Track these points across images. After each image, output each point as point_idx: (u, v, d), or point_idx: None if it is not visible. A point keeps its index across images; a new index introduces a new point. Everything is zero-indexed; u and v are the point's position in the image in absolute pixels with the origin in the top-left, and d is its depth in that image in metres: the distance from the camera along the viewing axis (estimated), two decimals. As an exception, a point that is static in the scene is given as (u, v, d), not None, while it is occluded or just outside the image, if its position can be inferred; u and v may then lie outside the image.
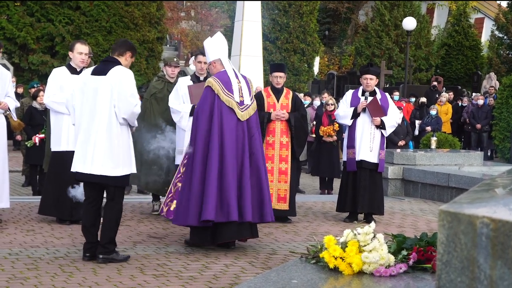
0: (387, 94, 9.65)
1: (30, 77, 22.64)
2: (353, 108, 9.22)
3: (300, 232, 8.51)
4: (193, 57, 9.05)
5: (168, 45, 36.61)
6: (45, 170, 9.89)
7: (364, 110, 9.18)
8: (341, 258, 3.58)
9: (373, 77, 9.28)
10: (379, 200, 9.37)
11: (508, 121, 18.92)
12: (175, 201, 7.15)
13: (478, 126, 19.88)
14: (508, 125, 18.86)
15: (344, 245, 3.63)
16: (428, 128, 18.46)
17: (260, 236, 8.09)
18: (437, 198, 11.54)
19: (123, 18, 24.96)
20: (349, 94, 9.47)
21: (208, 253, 7.11)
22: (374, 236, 3.63)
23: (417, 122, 19.21)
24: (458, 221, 2.45)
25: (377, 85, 9.53)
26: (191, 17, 44.50)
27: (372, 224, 3.74)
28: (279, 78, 9.10)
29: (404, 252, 3.66)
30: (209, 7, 45.66)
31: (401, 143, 15.67)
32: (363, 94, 9.29)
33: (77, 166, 6.53)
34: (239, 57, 21.21)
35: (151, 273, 6.22)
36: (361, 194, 9.21)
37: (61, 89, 8.28)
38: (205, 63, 8.68)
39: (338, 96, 22.21)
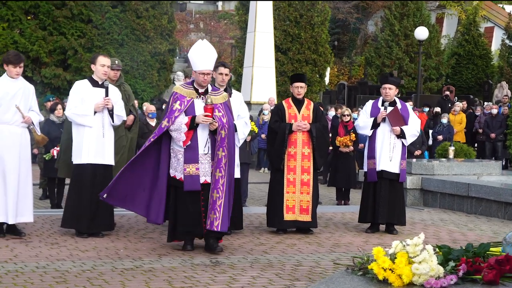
0: (407, 103, 9.63)
1: (42, 91, 22.69)
2: (373, 118, 9.21)
3: (323, 243, 8.49)
4: (215, 68, 9.00)
5: (177, 57, 36.66)
6: (58, 175, 9.99)
7: (384, 120, 9.16)
8: (390, 269, 3.56)
9: (392, 86, 9.26)
10: (400, 210, 9.34)
11: (522, 130, 18.87)
12: (112, 183, 7.74)
13: (493, 135, 19.83)
14: (523, 134, 18.81)
15: (393, 257, 3.61)
16: (440, 137, 18.43)
17: (283, 248, 8.11)
18: (456, 208, 11.50)
19: (135, 30, 25.02)
20: (369, 104, 9.46)
21: (234, 264, 7.10)
22: (424, 248, 3.62)
23: (431, 131, 19.19)
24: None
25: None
26: (200, 29, 44.62)
27: (422, 235, 3.72)
28: (300, 88, 9.09)
29: (452, 263, 3.64)
30: (218, 18, 45.80)
31: (417, 152, 15.66)
32: (382, 104, 9.28)
33: None
34: (252, 68, 21.22)
35: (179, 285, 6.22)
36: (381, 205, 9.18)
37: (82, 101, 8.29)
38: (226, 74, 8.69)
39: (349, 107, 22.17)
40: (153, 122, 13.15)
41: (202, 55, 7.60)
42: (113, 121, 8.38)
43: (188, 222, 7.58)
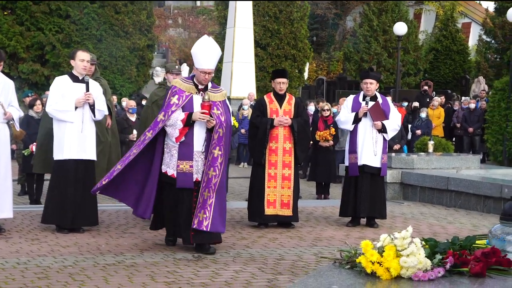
0: (388, 98, 9.68)
1: (20, 86, 22.49)
2: (354, 113, 9.24)
3: (305, 237, 8.52)
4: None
5: (156, 53, 36.52)
6: (33, 170, 9.88)
7: (365, 114, 9.20)
8: (378, 263, 3.58)
9: (373, 81, 9.30)
10: (381, 204, 9.39)
11: (500, 124, 19.03)
12: (107, 180, 7.35)
13: (471, 129, 19.99)
14: (500, 128, 18.97)
15: (381, 250, 3.63)
16: (418, 132, 18.55)
17: (265, 242, 8.12)
18: (436, 201, 11.58)
19: (114, 26, 24.86)
20: (350, 99, 9.48)
21: (217, 259, 7.10)
22: (411, 241, 3.64)
23: (410, 126, 19.30)
24: None
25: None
26: (178, 24, 44.48)
27: (410, 228, 3.74)
28: (282, 84, 9.10)
29: (439, 256, 3.67)
30: (196, 14, 45.69)
31: (396, 147, 15.75)
32: (364, 99, 9.31)
33: None
34: (231, 63, 21.20)
35: (162, 280, 6.21)
36: (362, 199, 9.22)
37: (63, 97, 8.24)
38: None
39: (328, 102, 22.22)
40: (133, 117, 13.14)
41: (206, 53, 7.31)
42: (94, 116, 8.33)
43: (177, 222, 7.38)
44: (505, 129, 18.76)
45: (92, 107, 8.26)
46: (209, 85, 7.48)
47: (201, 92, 7.41)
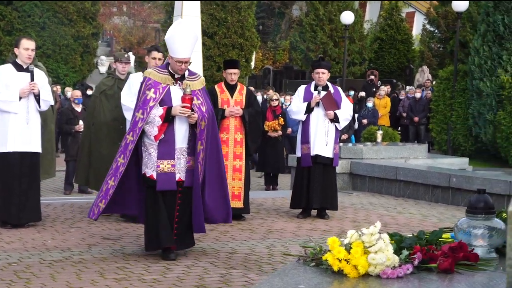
0: (339, 87, 9.63)
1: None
2: (306, 103, 9.15)
3: (256, 229, 8.41)
4: (148, 52, 8.69)
5: (101, 41, 35.92)
6: None
7: (317, 104, 9.12)
8: (345, 260, 3.47)
9: (325, 71, 9.24)
10: (332, 195, 9.32)
11: (445, 114, 19.25)
12: (103, 201, 6.62)
13: (416, 119, 20.17)
14: (445, 117, 19.19)
15: (348, 247, 3.52)
16: (365, 121, 18.64)
17: (216, 235, 7.98)
18: (385, 191, 11.60)
19: (57, 13, 24.36)
20: (301, 89, 9.39)
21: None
22: (379, 237, 3.53)
23: (356, 115, 19.36)
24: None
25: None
26: (123, 13, 43.86)
27: (378, 223, 3.63)
28: (233, 75, 8.94)
29: (406, 252, 3.58)
30: (141, 2, 45.11)
31: (344, 137, 15.75)
32: (315, 89, 9.23)
33: None
34: (178, 52, 20.92)
35: (112, 277, 6.02)
36: (315, 190, 9.14)
37: (7, 87, 7.94)
38: (159, 59, 8.35)
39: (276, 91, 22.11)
40: (78, 108, 12.79)
41: (181, 41, 6.49)
42: (39, 107, 8.04)
43: (159, 229, 6.59)
44: (449, 118, 18.99)
45: (37, 97, 7.98)
46: (186, 73, 6.78)
47: (178, 82, 6.64)
